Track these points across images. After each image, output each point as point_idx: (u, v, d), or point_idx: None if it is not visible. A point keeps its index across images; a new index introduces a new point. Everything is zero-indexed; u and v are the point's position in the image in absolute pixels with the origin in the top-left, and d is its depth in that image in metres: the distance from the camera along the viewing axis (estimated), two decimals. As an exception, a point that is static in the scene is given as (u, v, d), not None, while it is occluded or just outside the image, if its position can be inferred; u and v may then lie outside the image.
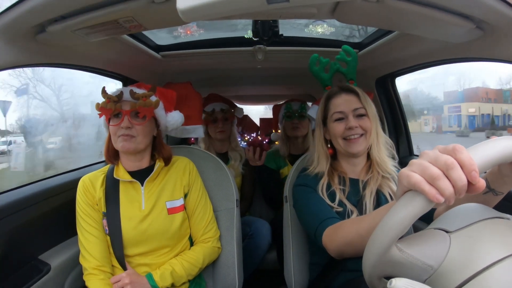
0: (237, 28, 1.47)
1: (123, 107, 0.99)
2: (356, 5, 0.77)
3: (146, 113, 1.00)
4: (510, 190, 0.58)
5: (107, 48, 1.20)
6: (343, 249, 0.77)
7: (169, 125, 1.12)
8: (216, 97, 1.86)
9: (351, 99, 1.00)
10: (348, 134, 0.98)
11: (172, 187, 1.07)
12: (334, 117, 1.01)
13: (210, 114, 1.78)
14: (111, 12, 0.76)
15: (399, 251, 0.45)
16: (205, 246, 1.09)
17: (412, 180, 0.40)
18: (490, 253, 0.41)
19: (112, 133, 1.00)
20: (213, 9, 0.60)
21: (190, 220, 1.11)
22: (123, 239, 0.99)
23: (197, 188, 1.12)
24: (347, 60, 1.16)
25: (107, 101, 0.99)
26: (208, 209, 1.13)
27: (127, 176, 1.03)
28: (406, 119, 1.76)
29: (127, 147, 0.98)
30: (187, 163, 1.13)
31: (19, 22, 0.76)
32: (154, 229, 1.01)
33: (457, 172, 0.39)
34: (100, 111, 1.00)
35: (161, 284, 0.97)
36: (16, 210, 0.98)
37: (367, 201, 0.96)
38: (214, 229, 1.13)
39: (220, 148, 1.85)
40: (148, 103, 1.00)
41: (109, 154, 1.05)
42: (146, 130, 1.02)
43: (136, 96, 1.00)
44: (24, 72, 3.11)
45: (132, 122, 0.98)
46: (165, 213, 1.03)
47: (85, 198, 1.02)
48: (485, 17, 0.77)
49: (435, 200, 0.39)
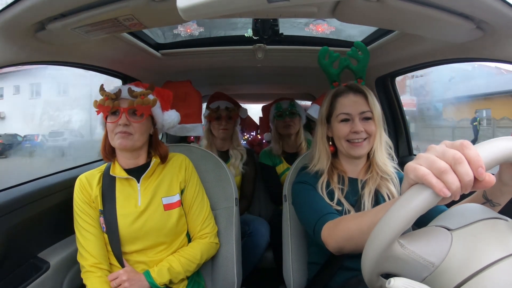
0: (237, 26, 1.47)
1: (121, 104, 1.00)
2: (357, 4, 0.76)
3: (144, 111, 1.01)
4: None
5: (107, 46, 1.20)
6: (343, 244, 0.76)
7: (165, 123, 1.12)
8: (222, 96, 1.87)
9: (359, 101, 0.99)
10: (352, 138, 0.97)
11: (168, 183, 1.07)
12: (339, 118, 0.99)
13: (214, 111, 1.79)
14: (111, 10, 0.76)
15: (401, 247, 0.44)
16: (203, 242, 1.09)
17: (419, 173, 0.40)
18: (490, 252, 0.41)
19: (109, 130, 1.01)
20: (213, 8, 0.60)
21: (187, 216, 1.11)
22: (120, 236, 1.00)
23: (194, 184, 1.12)
24: (359, 57, 1.10)
25: (105, 99, 1.00)
26: (205, 205, 1.13)
27: (123, 173, 1.04)
28: (406, 119, 1.76)
29: (124, 144, 0.99)
30: (183, 159, 1.14)
31: (19, 19, 0.76)
32: (150, 226, 1.01)
33: (464, 166, 0.39)
34: (98, 108, 1.01)
35: (159, 280, 0.97)
36: (15, 208, 0.99)
37: (365, 201, 0.96)
38: (211, 225, 1.13)
39: (221, 146, 1.86)
40: (145, 101, 1.01)
41: (106, 151, 1.05)
42: (143, 128, 1.03)
43: (134, 94, 1.01)
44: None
45: (129, 120, 0.99)
46: (161, 209, 1.03)
47: (82, 196, 1.03)
48: (485, 17, 0.77)
49: (442, 194, 0.39)
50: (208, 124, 1.86)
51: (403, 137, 1.75)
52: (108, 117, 1.00)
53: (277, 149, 1.90)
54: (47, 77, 10.63)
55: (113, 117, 0.99)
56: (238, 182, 1.82)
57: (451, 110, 10.52)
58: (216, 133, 1.81)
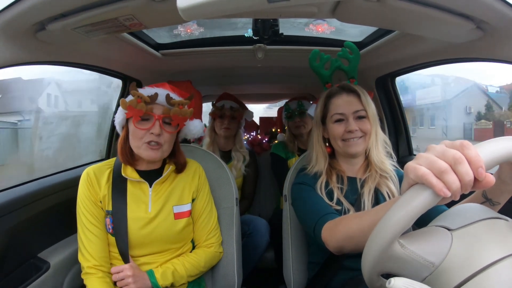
0: (237, 26, 1.46)
1: (155, 110, 0.93)
2: (357, 4, 0.76)
3: (180, 122, 0.96)
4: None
5: (107, 47, 1.20)
6: (343, 244, 0.76)
7: (189, 134, 1.08)
8: (229, 96, 1.89)
9: (352, 100, 0.99)
10: (347, 137, 0.98)
11: (181, 192, 1.05)
12: (334, 118, 1.00)
13: (219, 109, 1.80)
14: (111, 10, 0.76)
15: (401, 246, 0.44)
16: (208, 251, 1.08)
17: (419, 173, 0.40)
18: (490, 252, 0.41)
19: (136, 137, 0.94)
20: (213, 8, 0.60)
21: (195, 225, 1.10)
22: (128, 240, 0.97)
23: (205, 194, 1.10)
24: (349, 57, 1.12)
25: (138, 101, 0.92)
26: (213, 215, 1.12)
27: (135, 175, 1.00)
28: (405, 119, 1.76)
29: (153, 157, 0.94)
30: (197, 168, 1.11)
31: (19, 19, 0.76)
32: (159, 233, 0.99)
33: (464, 166, 0.39)
34: (127, 110, 0.94)
35: (162, 282, 0.96)
36: (15, 208, 0.98)
37: (365, 200, 0.96)
38: (217, 235, 1.12)
39: (224, 145, 1.86)
40: (183, 112, 0.95)
41: (127, 155, 0.98)
42: (172, 139, 0.98)
43: (172, 102, 0.95)
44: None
45: (163, 129, 0.93)
46: (171, 217, 1.01)
47: (88, 194, 0.97)
48: (486, 17, 0.77)
49: (442, 194, 0.39)
50: (212, 121, 1.86)
51: (403, 137, 1.75)
52: (137, 122, 0.93)
53: (291, 147, 1.92)
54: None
55: (145, 123, 0.93)
56: (240, 183, 1.82)
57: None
58: (219, 131, 1.82)
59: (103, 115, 1.97)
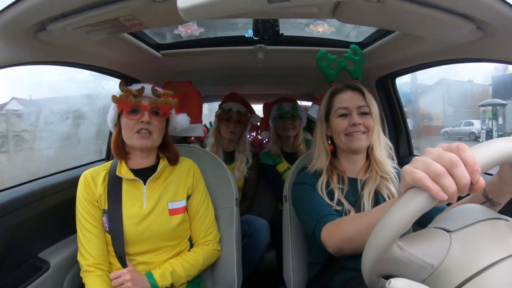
0: (237, 27, 1.47)
1: (143, 102, 1.01)
2: (357, 4, 0.76)
3: (166, 110, 1.03)
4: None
5: (108, 47, 1.20)
6: (342, 246, 0.76)
7: (177, 126, 1.15)
8: (237, 97, 1.86)
9: (356, 97, 1.01)
10: (351, 131, 0.98)
11: (175, 188, 1.07)
12: (338, 113, 1.01)
13: (226, 112, 1.78)
14: (112, 10, 0.76)
15: (400, 249, 0.45)
16: (206, 249, 1.09)
17: (415, 176, 0.40)
18: (489, 253, 0.41)
19: (127, 128, 1.00)
20: (213, 8, 0.60)
21: (192, 222, 1.11)
22: (124, 237, 0.99)
23: (200, 191, 1.12)
24: (355, 59, 1.18)
25: (126, 95, 0.99)
26: (210, 212, 1.13)
27: (129, 174, 1.03)
28: (406, 119, 1.76)
29: (145, 144, 1.00)
30: (191, 165, 1.14)
31: (19, 20, 0.76)
32: (154, 229, 1.01)
33: (461, 169, 0.39)
34: (118, 104, 1.01)
35: (161, 283, 0.96)
36: (15, 208, 0.99)
37: (365, 201, 0.96)
38: (214, 232, 1.13)
39: (227, 146, 1.85)
40: (169, 102, 1.03)
41: (119, 149, 1.04)
42: (161, 128, 1.05)
43: (158, 93, 1.03)
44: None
45: (152, 118, 1.00)
46: (166, 213, 1.03)
47: (86, 194, 1.01)
48: (486, 18, 0.77)
49: (438, 197, 0.39)
50: (217, 123, 1.84)
51: (403, 137, 1.75)
52: (127, 114, 1.00)
53: (275, 150, 1.90)
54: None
55: (134, 115, 1.00)
56: (241, 184, 1.82)
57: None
58: (224, 134, 1.80)
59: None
